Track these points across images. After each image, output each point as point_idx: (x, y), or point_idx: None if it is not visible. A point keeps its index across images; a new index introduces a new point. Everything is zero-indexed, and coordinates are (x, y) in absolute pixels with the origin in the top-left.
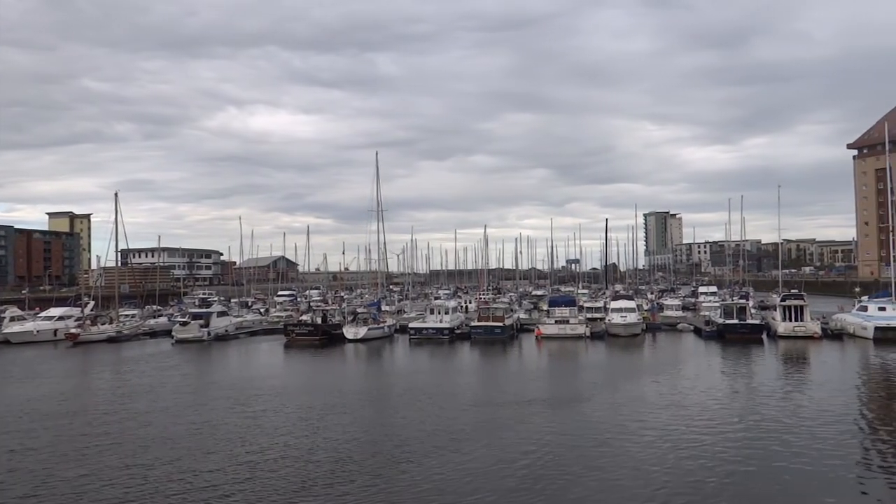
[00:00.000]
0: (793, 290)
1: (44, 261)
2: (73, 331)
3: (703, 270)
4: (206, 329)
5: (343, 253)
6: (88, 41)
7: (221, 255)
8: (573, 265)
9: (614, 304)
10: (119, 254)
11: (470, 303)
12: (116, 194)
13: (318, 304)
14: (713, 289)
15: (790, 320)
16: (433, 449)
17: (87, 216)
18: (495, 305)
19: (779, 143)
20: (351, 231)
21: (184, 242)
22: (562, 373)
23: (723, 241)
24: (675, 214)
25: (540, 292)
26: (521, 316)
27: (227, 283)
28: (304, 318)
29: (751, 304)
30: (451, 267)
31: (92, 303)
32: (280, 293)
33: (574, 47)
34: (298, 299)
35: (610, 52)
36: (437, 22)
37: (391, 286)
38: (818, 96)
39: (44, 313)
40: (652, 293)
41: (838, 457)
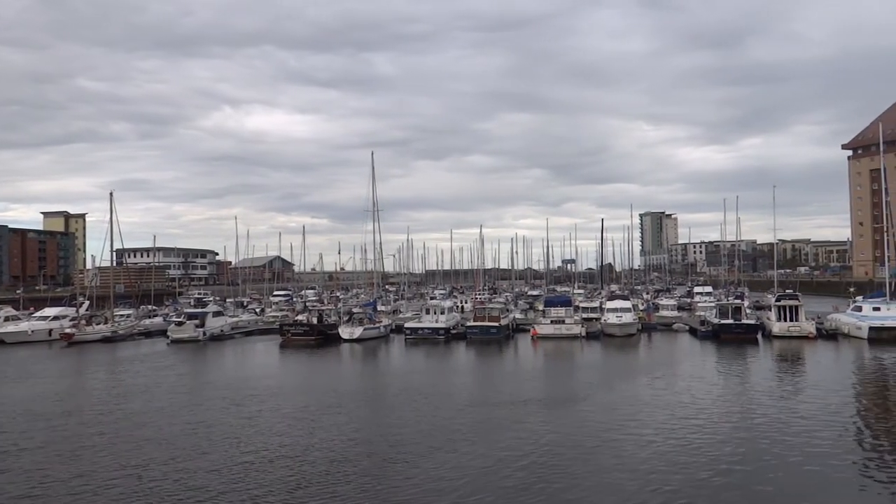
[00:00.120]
0: (788, 291)
1: (38, 260)
2: (67, 331)
3: (698, 270)
4: (201, 329)
5: (339, 253)
6: (84, 40)
7: (217, 254)
8: (569, 265)
9: (610, 305)
10: (114, 253)
11: (466, 303)
12: (112, 194)
13: (314, 304)
14: (708, 289)
15: (785, 320)
16: (429, 449)
17: (82, 216)
18: (491, 305)
19: (774, 143)
20: (347, 231)
21: (179, 242)
22: (557, 373)
23: (718, 242)
24: (670, 214)
25: (536, 292)
26: (517, 316)
27: (223, 283)
28: (300, 318)
29: (746, 304)
30: (447, 267)
31: (87, 303)
32: (276, 293)
33: (570, 47)
34: (294, 299)
35: (606, 52)
36: (433, 22)
37: (387, 286)
38: (813, 97)
39: (38, 313)
40: (647, 293)
41: (834, 456)
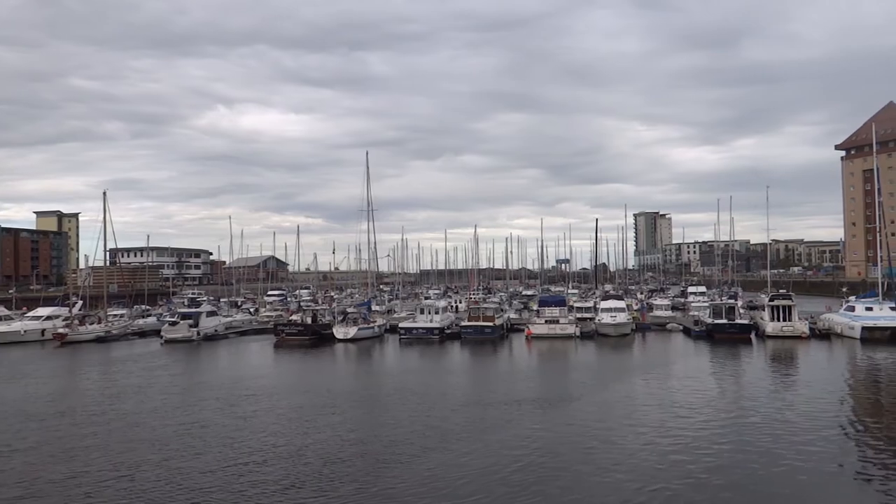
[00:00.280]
0: (781, 291)
1: (31, 260)
2: (60, 331)
3: (692, 270)
4: (195, 329)
5: (333, 253)
6: (77, 39)
7: (211, 254)
8: (563, 265)
9: (604, 304)
10: (107, 253)
11: (460, 302)
12: (105, 193)
13: (308, 303)
14: (702, 289)
15: (778, 320)
16: (423, 449)
17: (75, 215)
18: (485, 305)
19: (768, 143)
20: (341, 231)
21: (173, 242)
22: (552, 372)
23: (712, 242)
24: (664, 215)
25: (530, 292)
26: (511, 316)
27: (217, 283)
28: (294, 317)
29: (739, 304)
30: (441, 267)
31: (80, 302)
32: (270, 293)
33: (565, 47)
34: (288, 299)
35: (601, 52)
36: (428, 22)
37: (381, 286)
38: (807, 97)
39: (31, 313)
40: (641, 293)
41: (827, 455)
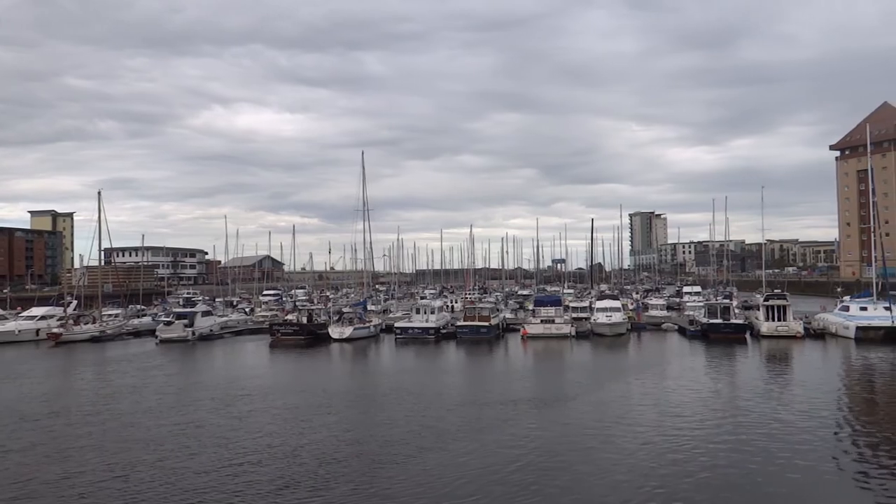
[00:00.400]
0: (776, 290)
1: (26, 259)
2: (55, 330)
3: (687, 270)
4: (190, 329)
5: (329, 252)
6: (72, 38)
7: (206, 254)
8: (559, 265)
9: (599, 304)
10: (102, 253)
11: (456, 302)
12: (100, 193)
13: (304, 303)
14: (697, 289)
15: (773, 320)
16: (418, 449)
17: (69, 215)
18: (481, 305)
19: (763, 144)
20: (337, 230)
21: (168, 241)
22: (547, 372)
23: (707, 242)
24: (660, 215)
25: (526, 292)
26: (507, 315)
27: (212, 283)
28: (290, 317)
29: (734, 303)
30: (437, 266)
31: (74, 302)
32: (265, 293)
33: (561, 47)
34: (284, 299)
35: (597, 52)
36: (424, 21)
37: (377, 286)
38: (802, 98)
39: (25, 313)
40: (637, 293)
41: (820, 454)
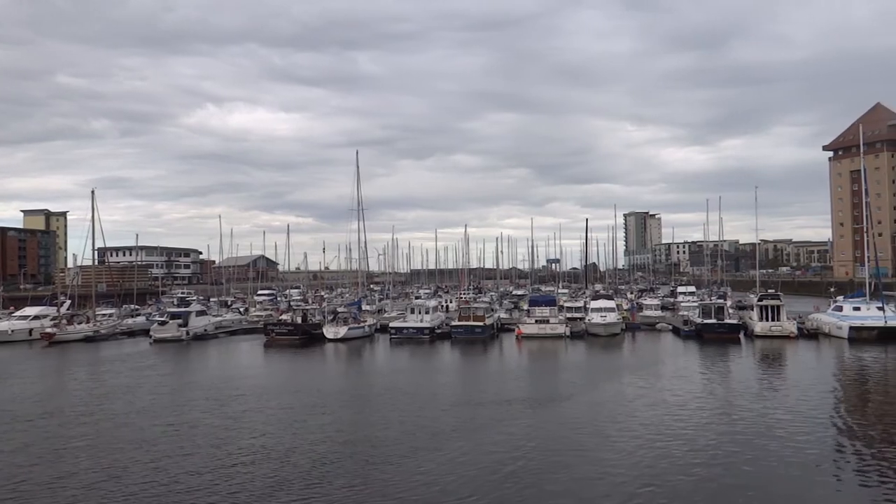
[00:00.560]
0: (769, 291)
1: (19, 259)
2: (48, 330)
3: (681, 270)
4: (184, 328)
5: (323, 252)
6: (64, 36)
7: (200, 253)
8: (553, 265)
9: (594, 304)
10: (96, 252)
11: (450, 302)
12: (93, 192)
13: (299, 303)
14: (692, 289)
15: (767, 320)
16: (412, 449)
17: (63, 214)
18: (476, 305)
19: (756, 144)
20: (331, 230)
21: (162, 241)
22: (542, 372)
23: (701, 242)
24: (654, 215)
25: (520, 292)
26: (502, 315)
27: (206, 283)
28: (284, 317)
29: (728, 303)
30: (431, 266)
31: (68, 302)
32: (260, 292)
33: (556, 48)
34: (278, 298)
35: (591, 52)
36: (419, 21)
37: (372, 285)
38: (795, 98)
39: (18, 312)
40: (631, 293)
41: (813, 454)
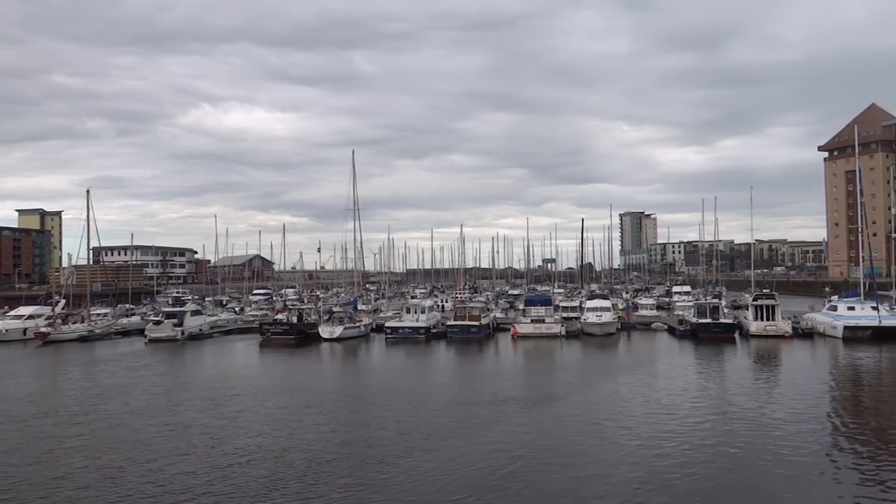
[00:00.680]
0: (764, 290)
1: (13, 258)
2: (43, 330)
3: (677, 270)
4: (179, 328)
5: (319, 251)
6: (59, 35)
7: (196, 253)
8: (549, 265)
9: (590, 304)
10: (91, 252)
11: (446, 302)
12: (88, 191)
13: (294, 303)
14: (687, 288)
15: (762, 320)
16: (408, 449)
17: (58, 213)
18: (471, 304)
19: (751, 144)
20: (327, 230)
21: (157, 240)
22: (537, 372)
23: (696, 242)
24: (649, 215)
25: (516, 291)
26: (498, 315)
27: (202, 282)
28: (280, 317)
29: (723, 303)
30: (427, 266)
31: (63, 301)
32: (255, 292)
33: (551, 48)
34: (274, 298)
35: (587, 53)
36: (413, 20)
37: (367, 285)
38: (791, 99)
39: (13, 312)
40: (627, 293)
41: (807, 454)
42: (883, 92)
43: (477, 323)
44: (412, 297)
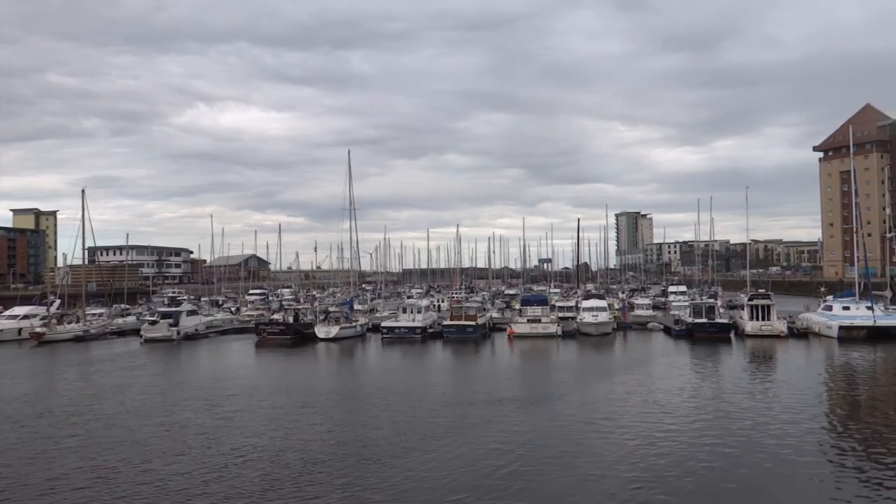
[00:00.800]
0: (760, 290)
1: (8, 258)
2: (38, 330)
3: (672, 270)
4: (175, 328)
5: (315, 251)
6: (54, 34)
7: (191, 253)
8: (545, 264)
9: (585, 304)
10: (86, 251)
11: (442, 302)
12: (83, 191)
13: (290, 302)
14: (683, 288)
15: (757, 319)
16: (404, 449)
17: (53, 213)
18: (468, 304)
19: (746, 144)
20: (323, 230)
21: (153, 240)
22: (534, 372)
23: (692, 242)
24: (645, 215)
25: (512, 291)
26: (494, 315)
27: (198, 282)
28: (276, 317)
29: (719, 303)
30: (423, 266)
31: (58, 301)
32: (251, 292)
33: (547, 48)
34: (270, 298)
35: (583, 53)
36: (410, 20)
37: (364, 285)
38: (786, 99)
39: (8, 312)
40: (623, 292)
41: (802, 452)
42: (878, 92)
43: (473, 323)
44: (408, 297)
